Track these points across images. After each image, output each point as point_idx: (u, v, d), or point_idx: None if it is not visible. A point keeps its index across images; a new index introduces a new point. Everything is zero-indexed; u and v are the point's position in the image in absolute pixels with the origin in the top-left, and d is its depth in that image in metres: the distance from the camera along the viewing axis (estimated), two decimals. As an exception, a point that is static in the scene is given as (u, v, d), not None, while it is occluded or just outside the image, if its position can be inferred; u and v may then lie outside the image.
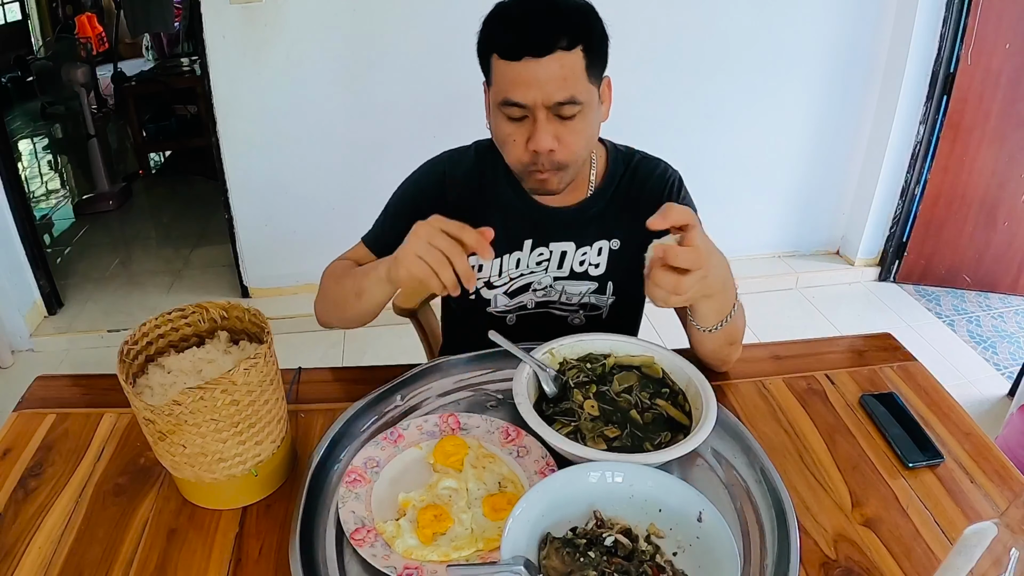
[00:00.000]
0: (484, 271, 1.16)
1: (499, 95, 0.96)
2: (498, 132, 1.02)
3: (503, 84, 0.95)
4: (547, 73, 0.92)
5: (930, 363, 1.16)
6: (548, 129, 0.96)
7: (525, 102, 0.94)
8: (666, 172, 1.17)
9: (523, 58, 0.92)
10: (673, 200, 1.14)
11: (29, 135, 5.40)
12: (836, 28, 2.70)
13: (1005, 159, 2.72)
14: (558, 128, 0.97)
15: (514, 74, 0.94)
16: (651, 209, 1.13)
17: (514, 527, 0.72)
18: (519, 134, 0.98)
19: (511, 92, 0.95)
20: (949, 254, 2.97)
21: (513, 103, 0.95)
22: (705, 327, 0.98)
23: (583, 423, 0.91)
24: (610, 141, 1.19)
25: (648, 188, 1.15)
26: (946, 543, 0.82)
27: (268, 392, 0.83)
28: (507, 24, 0.95)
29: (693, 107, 2.79)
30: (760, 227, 3.13)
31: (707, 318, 0.96)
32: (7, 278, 2.62)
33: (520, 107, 0.95)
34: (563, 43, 0.92)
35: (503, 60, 0.94)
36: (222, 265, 3.17)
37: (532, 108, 0.95)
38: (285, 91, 2.55)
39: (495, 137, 1.04)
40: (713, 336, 0.99)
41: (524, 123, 0.98)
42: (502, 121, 0.99)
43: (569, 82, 0.94)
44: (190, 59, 4.45)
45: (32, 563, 0.79)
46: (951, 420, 1.02)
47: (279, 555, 0.80)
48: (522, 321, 1.19)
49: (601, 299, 1.17)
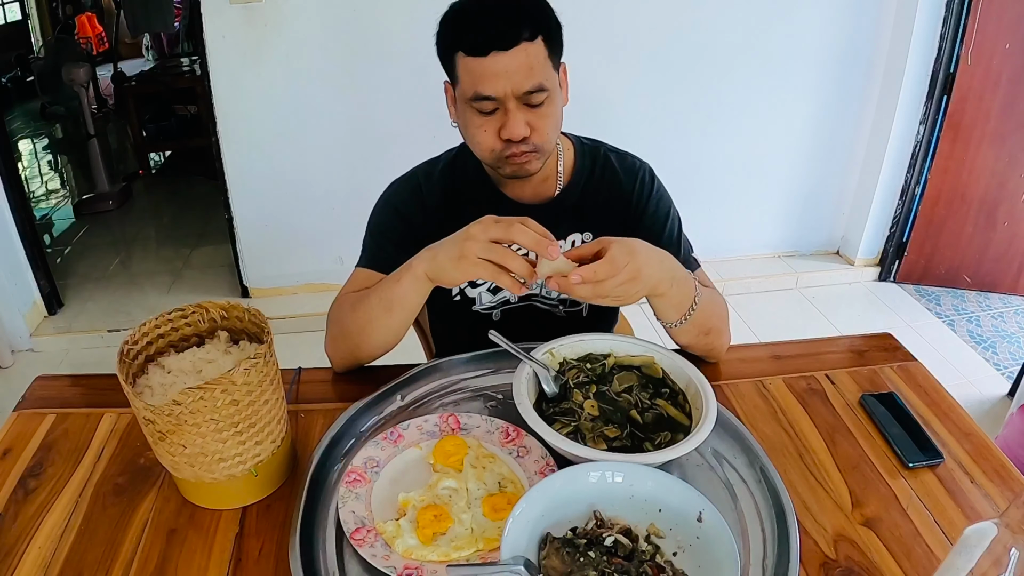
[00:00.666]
0: None
1: (468, 91, 0.98)
2: (469, 126, 1.03)
3: (471, 80, 0.97)
4: (514, 64, 0.95)
5: (930, 363, 1.16)
6: (519, 117, 0.99)
7: (496, 94, 0.97)
8: (635, 164, 1.18)
9: (490, 52, 0.94)
10: (646, 191, 1.16)
11: (29, 135, 5.40)
12: (836, 28, 2.70)
13: (1005, 159, 2.72)
14: (528, 115, 1.00)
15: (482, 69, 0.96)
16: (622, 202, 1.16)
17: (514, 527, 0.72)
18: (490, 125, 1.01)
19: (481, 86, 0.97)
20: (949, 254, 2.97)
21: (484, 97, 0.97)
22: (669, 322, 1.02)
23: (583, 423, 0.91)
24: (574, 135, 1.20)
25: (619, 181, 1.16)
26: (946, 543, 0.82)
27: (268, 392, 0.83)
28: (470, 21, 0.97)
29: (693, 107, 2.79)
30: (760, 227, 3.13)
31: (667, 314, 1.00)
32: (7, 278, 2.62)
33: (491, 100, 0.98)
34: (526, 34, 0.95)
35: (469, 57, 0.96)
36: (222, 265, 3.17)
37: (503, 99, 0.98)
38: (285, 91, 2.55)
39: (465, 132, 1.05)
40: (683, 330, 1.02)
41: (495, 115, 1.00)
42: (472, 115, 1.01)
43: (535, 70, 0.97)
44: (190, 59, 4.45)
45: (32, 563, 0.79)
46: (951, 420, 1.02)
47: (279, 555, 0.80)
48: (508, 316, 1.19)
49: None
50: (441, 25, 1.01)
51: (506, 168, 1.05)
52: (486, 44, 0.94)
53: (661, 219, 1.16)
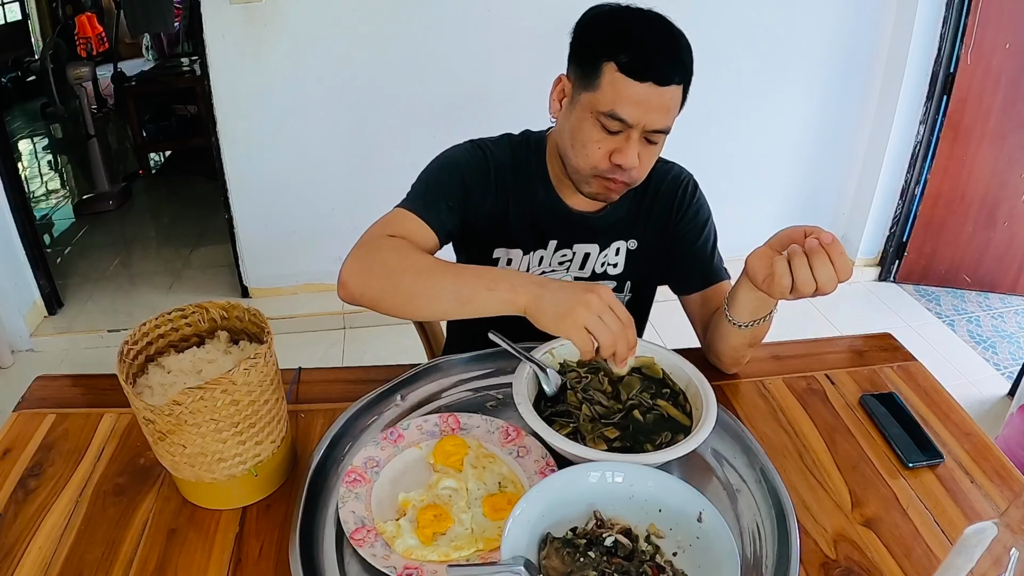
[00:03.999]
0: (511, 265, 1.17)
1: (606, 105, 0.97)
2: (583, 135, 1.01)
3: (614, 97, 0.96)
4: (660, 102, 0.96)
5: (930, 363, 1.16)
6: (636, 149, 0.99)
7: (632, 121, 0.97)
8: (680, 175, 1.20)
9: (647, 81, 0.94)
10: (687, 200, 1.18)
11: (29, 135, 5.39)
12: (836, 28, 2.70)
13: (1005, 159, 2.72)
14: (641, 149, 1.00)
15: (631, 92, 0.95)
16: (665, 210, 1.17)
17: (514, 527, 0.72)
18: (606, 144, 1.00)
19: (622, 108, 0.96)
20: (949, 254, 2.97)
21: (619, 118, 0.97)
22: (740, 322, 1.00)
23: (583, 424, 0.91)
24: None
25: (663, 191, 1.17)
26: (946, 543, 0.82)
27: (268, 392, 0.83)
28: (638, 41, 0.96)
29: (693, 107, 2.74)
30: (760, 227, 3.10)
31: (744, 312, 0.99)
32: (7, 278, 2.62)
33: (623, 123, 0.97)
34: (677, 79, 0.97)
35: (623, 75, 0.95)
36: (222, 265, 3.16)
37: (632, 128, 0.97)
38: (285, 91, 2.55)
39: (575, 136, 1.02)
40: (741, 332, 1.01)
41: (615, 136, 0.99)
42: (593, 127, 0.99)
43: (671, 114, 0.99)
44: (190, 59, 4.44)
45: (32, 563, 0.79)
46: (951, 420, 1.02)
47: (279, 555, 0.80)
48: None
49: (619, 297, 1.18)
50: (594, 25, 1.00)
51: (594, 187, 1.05)
52: (646, 72, 0.94)
53: (699, 228, 1.18)
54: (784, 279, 0.85)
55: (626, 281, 1.20)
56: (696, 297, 1.17)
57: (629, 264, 1.19)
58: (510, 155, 1.15)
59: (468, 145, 1.16)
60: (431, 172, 1.13)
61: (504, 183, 1.14)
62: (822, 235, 0.86)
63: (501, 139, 1.17)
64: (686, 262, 1.18)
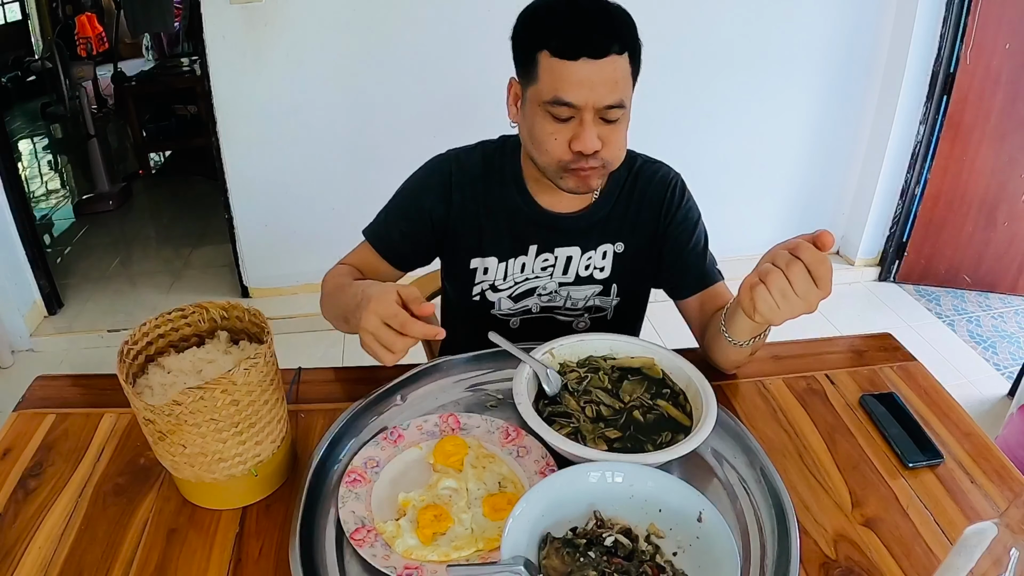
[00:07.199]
0: (488, 274, 1.16)
1: (548, 93, 0.95)
2: (538, 130, 0.99)
3: (554, 82, 0.94)
4: (601, 76, 0.93)
5: (930, 363, 1.16)
6: (594, 131, 0.96)
7: (577, 102, 0.94)
8: (668, 175, 1.17)
9: (580, 58, 0.92)
10: (676, 202, 1.15)
11: (29, 135, 5.39)
12: (836, 28, 2.70)
13: (1005, 159, 2.72)
14: (601, 130, 0.97)
15: (568, 73, 0.93)
16: (653, 212, 1.15)
17: (514, 527, 0.72)
18: (561, 133, 0.97)
19: (564, 91, 0.94)
20: (949, 254, 2.97)
21: (564, 103, 0.94)
22: (739, 341, 0.98)
23: (583, 424, 0.91)
24: None
25: (650, 192, 1.15)
26: (946, 543, 0.82)
27: (268, 392, 0.83)
28: (563, 22, 0.94)
29: (693, 107, 2.79)
30: (760, 227, 3.12)
31: (744, 333, 0.97)
32: (7, 278, 2.62)
33: (570, 107, 0.95)
34: (617, 47, 0.93)
35: (556, 58, 0.93)
36: (222, 265, 3.17)
37: (581, 109, 0.95)
38: (285, 91, 2.55)
39: (532, 134, 1.01)
40: (741, 349, 1.00)
41: (568, 123, 0.97)
42: (544, 119, 0.98)
43: (619, 86, 0.95)
44: (190, 59, 4.44)
45: (32, 563, 0.79)
46: (951, 420, 1.02)
47: (279, 555, 0.80)
48: (526, 325, 1.19)
49: (606, 301, 1.18)
50: (525, 19, 0.98)
51: (568, 181, 1.02)
52: (577, 48, 0.91)
53: (689, 230, 1.15)
54: (763, 304, 0.84)
55: (612, 284, 1.17)
56: (692, 300, 1.16)
57: (616, 268, 1.16)
58: (481, 164, 1.14)
59: (436, 161, 1.17)
60: (393, 199, 1.18)
61: (475, 192, 1.13)
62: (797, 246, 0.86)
63: (474, 148, 1.17)
64: (679, 266, 1.16)
